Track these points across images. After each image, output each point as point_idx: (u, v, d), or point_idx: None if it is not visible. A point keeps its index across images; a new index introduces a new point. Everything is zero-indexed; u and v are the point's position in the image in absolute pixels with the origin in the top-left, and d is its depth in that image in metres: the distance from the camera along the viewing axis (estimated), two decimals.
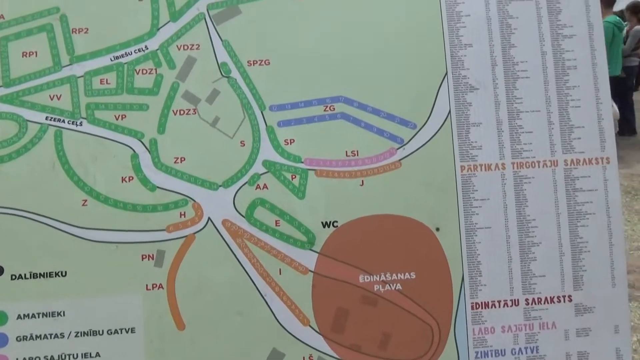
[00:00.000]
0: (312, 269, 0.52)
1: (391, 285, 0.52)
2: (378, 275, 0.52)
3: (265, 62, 0.54)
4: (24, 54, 0.53)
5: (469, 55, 0.55)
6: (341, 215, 0.53)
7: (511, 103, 0.55)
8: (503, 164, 0.54)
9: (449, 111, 0.55)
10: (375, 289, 0.52)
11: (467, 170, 0.54)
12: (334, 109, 0.54)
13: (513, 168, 0.54)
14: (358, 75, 0.54)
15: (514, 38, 0.56)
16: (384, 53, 0.55)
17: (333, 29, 0.55)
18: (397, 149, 0.54)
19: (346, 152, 0.53)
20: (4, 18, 0.53)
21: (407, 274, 0.52)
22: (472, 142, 0.54)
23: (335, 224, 0.52)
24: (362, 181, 0.53)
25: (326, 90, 0.54)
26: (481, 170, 0.54)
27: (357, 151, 0.54)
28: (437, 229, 0.53)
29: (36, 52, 0.53)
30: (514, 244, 0.54)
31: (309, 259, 0.52)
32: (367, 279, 0.52)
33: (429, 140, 0.54)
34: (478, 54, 0.56)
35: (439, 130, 0.54)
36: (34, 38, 0.53)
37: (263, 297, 0.51)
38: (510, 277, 0.53)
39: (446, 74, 0.55)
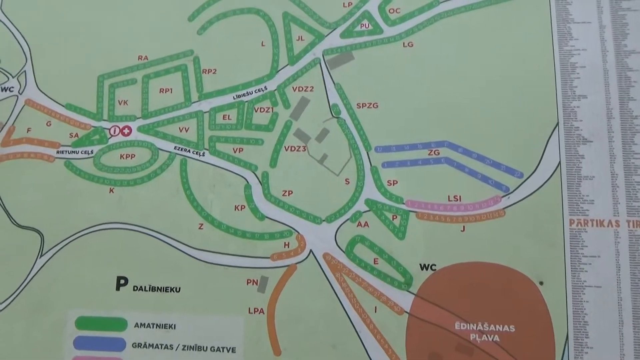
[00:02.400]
0: (408, 310, 0.52)
1: (488, 336, 0.51)
2: (475, 324, 0.51)
3: (373, 105, 0.57)
4: (161, 90, 0.60)
5: (582, 107, 0.54)
6: (440, 259, 0.53)
7: (628, 158, 0.53)
8: (617, 221, 0.52)
9: (559, 162, 0.53)
10: (472, 337, 0.51)
11: (577, 225, 0.52)
12: (438, 153, 0.55)
13: (629, 226, 0.52)
14: (464, 121, 0.55)
15: (633, 91, 0.54)
16: (491, 100, 0.55)
17: (441, 75, 0.57)
18: (502, 197, 0.53)
19: (449, 196, 0.54)
20: (147, 59, 0.61)
21: (506, 326, 0.51)
22: (583, 195, 0.52)
23: (433, 267, 0.53)
24: (464, 227, 0.53)
25: (431, 135, 0.55)
26: (592, 225, 0.52)
27: (460, 196, 0.54)
28: (541, 283, 0.51)
29: (171, 89, 0.60)
30: (627, 308, 0.50)
31: (405, 299, 0.52)
32: (464, 326, 0.51)
33: (536, 191, 0.53)
34: (593, 105, 0.54)
35: (547, 180, 0.53)
36: (170, 76, 0.60)
37: (357, 333, 0.52)
38: (621, 342, 0.50)
39: (557, 124, 0.54)
